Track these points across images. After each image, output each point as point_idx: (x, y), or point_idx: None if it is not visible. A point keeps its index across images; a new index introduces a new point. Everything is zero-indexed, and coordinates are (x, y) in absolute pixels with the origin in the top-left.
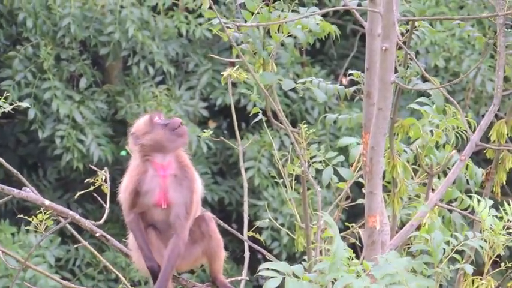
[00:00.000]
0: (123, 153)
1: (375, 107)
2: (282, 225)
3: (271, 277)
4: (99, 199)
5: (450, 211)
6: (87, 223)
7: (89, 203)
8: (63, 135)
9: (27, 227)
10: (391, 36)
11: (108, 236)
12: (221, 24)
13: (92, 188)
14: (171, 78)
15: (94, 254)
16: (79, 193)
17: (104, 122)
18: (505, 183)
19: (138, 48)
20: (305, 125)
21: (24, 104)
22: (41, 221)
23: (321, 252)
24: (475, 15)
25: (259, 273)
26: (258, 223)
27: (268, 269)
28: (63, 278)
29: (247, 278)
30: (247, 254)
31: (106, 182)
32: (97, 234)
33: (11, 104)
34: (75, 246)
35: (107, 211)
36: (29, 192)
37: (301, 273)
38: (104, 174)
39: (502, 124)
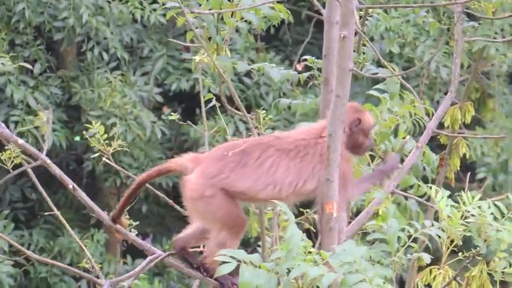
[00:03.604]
0: (77, 138)
1: (333, 94)
2: None
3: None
4: (39, 138)
5: (406, 198)
6: (57, 170)
7: (44, 188)
8: (18, 120)
9: None
10: (350, 23)
11: (76, 186)
12: (177, 8)
13: (32, 126)
14: (125, 64)
15: (48, 239)
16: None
17: (58, 107)
18: (459, 169)
19: (92, 34)
20: (262, 111)
21: None
22: (10, 158)
23: (278, 239)
24: (435, 3)
25: (215, 259)
26: None
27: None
28: (17, 264)
29: None
30: None
31: (48, 123)
32: (70, 186)
33: None
34: (49, 213)
35: (46, 145)
36: (4, 129)
37: (258, 262)
38: (46, 115)
39: (456, 110)
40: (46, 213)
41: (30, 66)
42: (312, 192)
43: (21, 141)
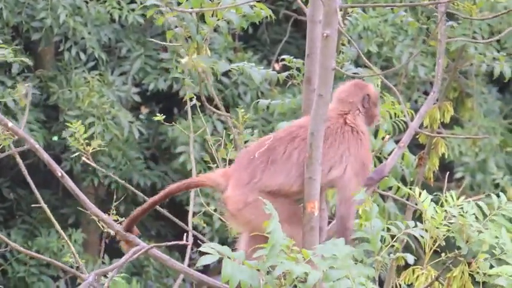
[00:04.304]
0: (55, 138)
1: (316, 93)
2: (215, 210)
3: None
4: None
5: (383, 199)
6: (45, 155)
7: (21, 188)
8: None
9: None
10: (333, 23)
11: (64, 173)
12: (156, 7)
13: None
14: (103, 64)
15: (26, 239)
16: None
17: (36, 107)
18: (437, 168)
19: (70, 34)
20: (241, 110)
21: None
22: None
23: None
24: (417, 3)
25: (198, 250)
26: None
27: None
28: None
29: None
30: (190, 239)
31: (27, 97)
32: (59, 174)
33: None
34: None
35: (25, 119)
36: None
37: (242, 259)
38: (25, 89)
39: (435, 109)
40: (34, 205)
41: None
42: (336, 180)
43: (11, 124)
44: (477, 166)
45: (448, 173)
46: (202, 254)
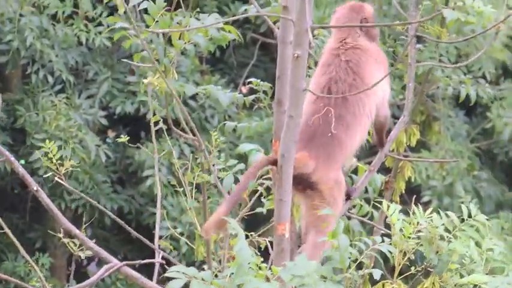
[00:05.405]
0: (22, 162)
1: (286, 115)
2: (182, 234)
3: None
4: None
5: (349, 218)
6: (20, 169)
7: None
8: None
9: None
10: (304, 43)
11: (39, 188)
12: (125, 29)
13: None
14: (70, 87)
15: None
16: None
17: (3, 131)
18: (404, 191)
19: (37, 57)
20: (211, 133)
21: None
22: None
23: (228, 259)
24: (386, 23)
25: (165, 276)
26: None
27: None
28: None
29: None
30: (158, 257)
31: None
32: (34, 188)
33: None
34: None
35: None
36: None
37: (209, 279)
38: None
39: (401, 133)
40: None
41: None
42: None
43: None
44: (444, 190)
45: (415, 196)
46: (170, 279)
